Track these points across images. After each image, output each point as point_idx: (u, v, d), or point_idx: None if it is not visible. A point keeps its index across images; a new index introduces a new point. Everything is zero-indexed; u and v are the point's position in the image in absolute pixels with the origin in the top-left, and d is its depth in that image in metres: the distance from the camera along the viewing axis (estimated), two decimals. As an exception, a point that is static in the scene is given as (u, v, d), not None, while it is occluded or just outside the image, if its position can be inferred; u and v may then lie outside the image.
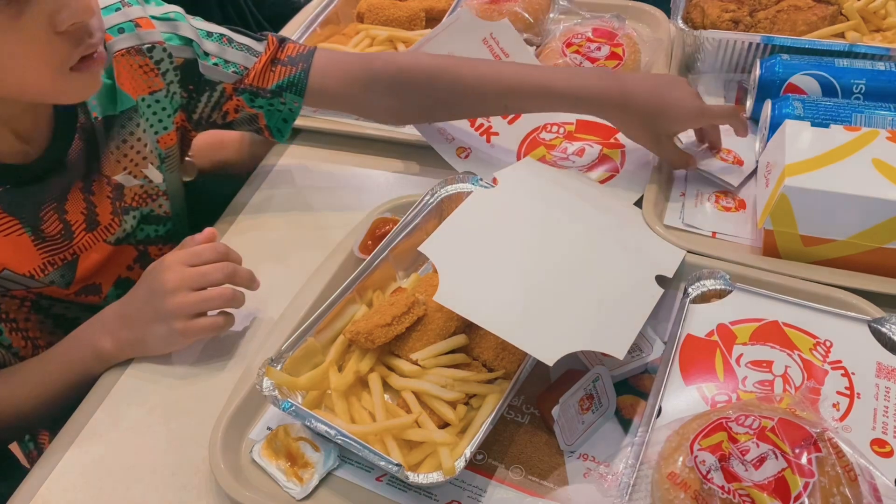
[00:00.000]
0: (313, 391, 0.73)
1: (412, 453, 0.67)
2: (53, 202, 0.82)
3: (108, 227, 0.88)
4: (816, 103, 0.88)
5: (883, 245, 0.76)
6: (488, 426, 0.66)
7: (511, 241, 0.78)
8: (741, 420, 0.59)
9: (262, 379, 0.70)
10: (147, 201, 0.92)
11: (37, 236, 0.81)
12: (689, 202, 0.91)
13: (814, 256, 0.80)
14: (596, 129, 1.00)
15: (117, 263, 0.92)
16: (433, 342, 0.73)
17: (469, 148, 0.99)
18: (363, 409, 0.71)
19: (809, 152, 0.80)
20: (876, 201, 0.75)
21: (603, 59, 1.05)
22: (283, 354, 0.73)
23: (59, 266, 0.84)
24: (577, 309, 0.71)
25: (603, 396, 0.70)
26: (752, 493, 0.55)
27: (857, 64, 0.93)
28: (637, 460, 0.63)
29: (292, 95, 0.91)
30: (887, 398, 0.67)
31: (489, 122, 1.01)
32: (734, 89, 1.07)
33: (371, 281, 0.81)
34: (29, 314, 0.87)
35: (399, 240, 0.83)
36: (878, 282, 0.77)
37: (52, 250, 0.83)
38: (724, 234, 0.87)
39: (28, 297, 0.85)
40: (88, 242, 0.86)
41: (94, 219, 0.86)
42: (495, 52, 1.01)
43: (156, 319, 0.78)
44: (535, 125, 1.02)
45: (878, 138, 0.81)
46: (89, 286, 0.89)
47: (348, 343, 0.75)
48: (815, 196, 0.77)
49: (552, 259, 0.77)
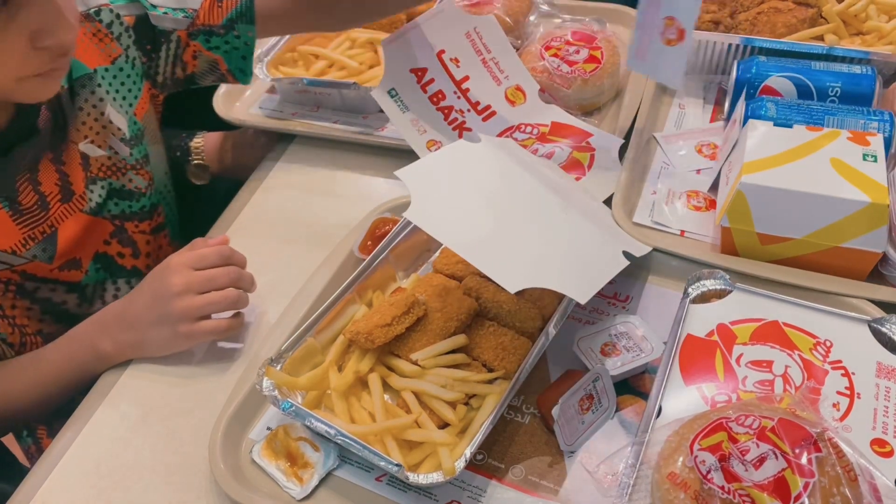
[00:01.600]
0: (313, 391, 0.73)
1: (412, 453, 0.67)
2: (27, 172, 0.81)
3: (82, 197, 0.88)
4: (789, 105, 0.88)
5: (839, 244, 0.77)
6: (488, 426, 0.66)
7: (488, 184, 0.78)
8: (741, 420, 0.59)
9: (262, 379, 0.70)
10: (116, 174, 0.91)
11: (14, 210, 0.81)
12: (660, 200, 0.91)
13: (771, 255, 0.80)
14: (569, 131, 1.00)
15: (95, 237, 0.91)
16: (433, 342, 0.73)
17: (439, 142, 0.98)
18: (363, 409, 0.71)
19: (768, 151, 0.80)
20: (831, 200, 0.75)
21: (581, 62, 1.04)
22: (282, 354, 0.73)
23: (39, 240, 0.84)
24: (546, 251, 0.72)
25: (603, 396, 0.70)
26: (752, 493, 0.55)
27: (834, 67, 0.93)
28: (637, 460, 0.63)
29: (244, 25, 0.92)
30: (887, 398, 0.67)
31: (463, 118, 1.00)
32: (714, 91, 1.07)
33: (371, 281, 0.81)
34: (15, 300, 0.86)
35: (399, 240, 0.83)
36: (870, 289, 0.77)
37: (31, 223, 0.83)
38: (692, 233, 0.87)
39: (12, 279, 0.84)
40: (65, 213, 0.86)
41: (69, 188, 0.86)
42: (477, 48, 1.01)
43: (159, 322, 0.79)
44: (510, 124, 1.01)
45: (839, 138, 0.81)
46: (70, 261, 0.88)
47: (348, 343, 0.75)
48: (772, 194, 0.77)
49: (526, 207, 0.77)
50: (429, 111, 0.98)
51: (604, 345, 0.74)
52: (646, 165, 0.96)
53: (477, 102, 1.00)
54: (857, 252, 0.77)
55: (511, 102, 1.01)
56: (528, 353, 0.71)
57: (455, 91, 0.99)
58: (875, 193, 0.75)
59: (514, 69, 1.02)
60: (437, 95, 0.98)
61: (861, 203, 0.74)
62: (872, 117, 0.85)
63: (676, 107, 1.05)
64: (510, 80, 1.02)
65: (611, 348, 0.74)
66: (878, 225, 0.75)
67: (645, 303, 0.81)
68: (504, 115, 1.01)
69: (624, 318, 0.77)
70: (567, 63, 1.05)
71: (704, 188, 0.92)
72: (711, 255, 0.83)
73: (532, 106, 1.02)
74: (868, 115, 0.86)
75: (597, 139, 0.98)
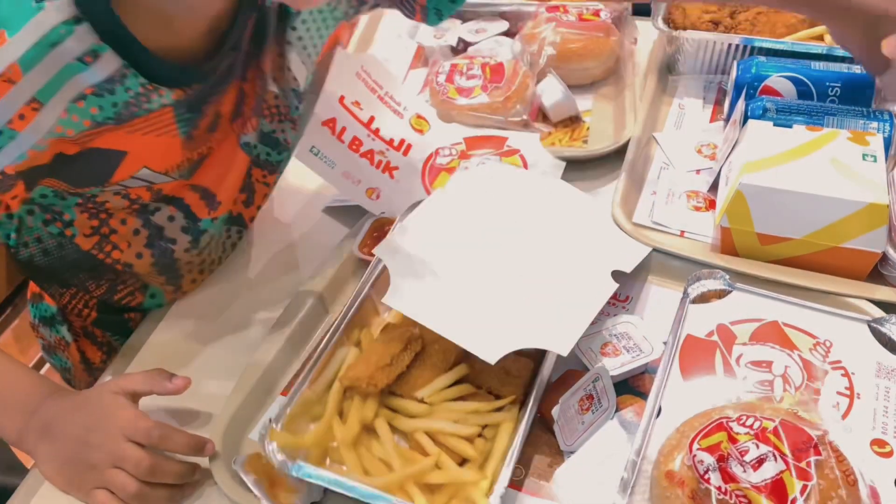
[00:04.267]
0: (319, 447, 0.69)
1: (436, 497, 0.65)
2: (217, 96, 0.75)
3: (244, 124, 0.82)
4: (789, 105, 0.88)
5: (839, 244, 0.77)
6: (513, 456, 0.64)
7: (463, 240, 0.78)
8: (742, 420, 0.59)
9: (267, 443, 0.66)
10: (275, 119, 0.85)
11: (188, 136, 0.74)
12: (660, 200, 0.91)
13: (771, 255, 0.80)
14: (485, 142, 0.99)
15: (234, 172, 0.85)
16: (435, 376, 0.70)
17: (377, 188, 0.94)
18: (375, 458, 0.67)
19: (768, 151, 0.80)
20: (831, 200, 0.75)
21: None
22: (282, 412, 0.69)
23: (194, 161, 0.78)
24: (524, 306, 0.71)
25: (603, 397, 0.70)
26: (749, 494, 0.55)
27: (834, 67, 0.93)
28: (638, 457, 0.64)
29: None
30: (887, 398, 0.67)
31: (386, 157, 0.96)
32: (714, 91, 1.07)
33: (356, 320, 0.77)
34: (128, 215, 0.80)
35: (377, 274, 0.79)
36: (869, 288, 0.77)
37: (195, 146, 0.77)
38: (692, 233, 0.87)
39: (142, 197, 0.77)
40: (224, 135, 0.81)
41: (240, 110, 0.80)
42: (370, 86, 0.97)
43: (89, 451, 0.68)
44: (428, 153, 0.98)
45: (839, 138, 0.81)
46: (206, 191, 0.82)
47: (345, 389, 0.71)
48: (771, 194, 0.77)
49: (504, 256, 0.77)
50: (353, 160, 0.94)
51: (603, 345, 0.74)
52: (645, 166, 0.96)
53: (391, 140, 0.97)
54: (857, 252, 0.77)
55: (419, 131, 0.99)
56: (537, 373, 0.70)
57: (368, 134, 0.95)
58: (875, 193, 0.75)
59: (408, 99, 1.00)
60: (354, 142, 0.94)
61: (861, 203, 0.74)
62: (872, 117, 0.85)
63: (676, 107, 1.05)
64: (409, 111, 0.99)
65: (611, 348, 0.74)
66: (877, 225, 0.75)
67: (645, 303, 0.81)
68: (419, 145, 0.98)
69: (624, 319, 0.77)
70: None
71: (704, 188, 0.92)
72: (711, 256, 0.82)
73: (438, 129, 1.00)
74: (867, 115, 0.86)
75: (515, 140, 0.97)
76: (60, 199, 0.75)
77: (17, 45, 0.58)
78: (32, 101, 0.60)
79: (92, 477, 0.67)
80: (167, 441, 0.69)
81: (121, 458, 0.67)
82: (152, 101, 0.67)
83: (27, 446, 0.70)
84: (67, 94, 0.62)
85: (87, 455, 0.68)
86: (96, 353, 0.95)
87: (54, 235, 0.79)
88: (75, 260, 0.81)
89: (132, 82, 0.65)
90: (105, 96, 0.64)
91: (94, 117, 0.65)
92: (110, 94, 0.64)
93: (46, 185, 0.71)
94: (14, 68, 0.58)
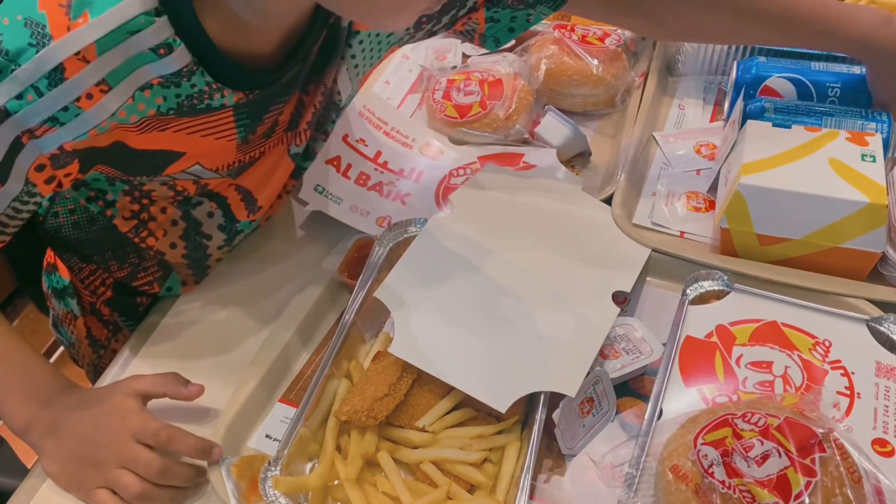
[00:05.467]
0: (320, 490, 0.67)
1: None
2: (280, 104, 0.75)
3: (298, 134, 0.82)
4: (788, 106, 0.88)
5: (838, 245, 0.77)
6: (525, 477, 0.63)
7: (463, 274, 0.77)
8: (747, 417, 0.59)
9: (269, 490, 0.64)
10: (314, 131, 0.85)
11: (244, 140, 0.75)
12: (660, 202, 0.91)
13: (771, 255, 0.80)
14: (499, 159, 0.97)
15: (276, 177, 0.85)
16: (434, 403, 0.69)
17: (388, 216, 0.92)
18: (381, 493, 0.65)
19: (767, 151, 0.80)
20: (830, 200, 0.75)
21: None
22: (279, 454, 0.67)
23: (245, 163, 0.79)
24: (528, 350, 0.71)
25: (603, 399, 0.69)
26: (753, 489, 0.55)
27: (834, 67, 0.93)
28: (643, 452, 0.63)
29: (544, 7, 0.83)
30: (887, 397, 0.67)
31: (396, 187, 0.95)
32: (714, 91, 1.07)
33: (344, 351, 0.75)
34: (169, 205, 0.80)
35: (359, 302, 0.77)
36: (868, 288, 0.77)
37: (248, 150, 0.78)
38: (692, 234, 0.87)
39: (188, 190, 0.78)
40: (277, 142, 0.81)
41: (297, 120, 0.80)
42: (374, 123, 0.97)
43: (82, 454, 0.68)
44: (442, 174, 0.96)
45: (838, 139, 0.81)
46: (248, 194, 0.83)
47: (340, 424, 0.70)
48: (771, 194, 0.77)
49: (505, 286, 0.76)
50: (361, 194, 0.93)
51: (603, 347, 0.74)
52: (645, 166, 0.96)
53: (401, 170, 0.96)
54: (857, 252, 0.76)
55: (431, 158, 0.99)
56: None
57: (376, 168, 0.95)
58: (874, 194, 0.75)
59: (416, 130, 1.00)
60: (361, 177, 0.94)
61: (860, 203, 0.74)
62: (870, 118, 0.85)
63: (676, 107, 1.05)
64: (418, 141, 0.99)
65: (610, 350, 0.74)
66: (877, 225, 0.75)
67: (644, 304, 0.81)
68: (432, 170, 0.97)
69: (623, 321, 0.77)
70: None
71: (704, 189, 0.92)
72: (710, 256, 0.82)
73: (451, 152, 0.99)
74: (866, 115, 0.86)
75: (531, 156, 0.96)
76: (110, 184, 0.76)
77: (99, 28, 0.59)
78: (102, 83, 0.61)
79: (96, 476, 0.67)
80: (175, 443, 0.69)
81: (130, 459, 0.67)
82: (214, 100, 0.68)
83: (32, 439, 0.70)
84: (136, 82, 0.63)
85: (94, 453, 0.68)
86: (102, 331, 0.95)
87: (92, 213, 0.80)
88: (106, 239, 0.82)
89: (199, 79, 0.66)
90: (171, 88, 0.65)
91: (159, 107, 0.66)
92: (176, 87, 0.65)
93: (100, 171, 0.71)
94: (91, 48, 0.59)
